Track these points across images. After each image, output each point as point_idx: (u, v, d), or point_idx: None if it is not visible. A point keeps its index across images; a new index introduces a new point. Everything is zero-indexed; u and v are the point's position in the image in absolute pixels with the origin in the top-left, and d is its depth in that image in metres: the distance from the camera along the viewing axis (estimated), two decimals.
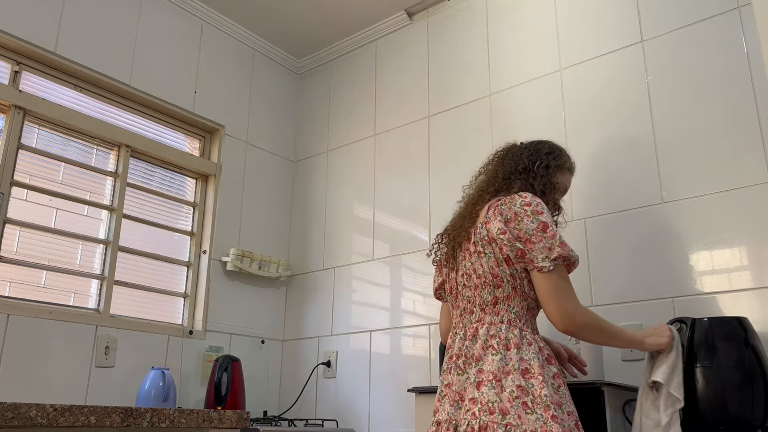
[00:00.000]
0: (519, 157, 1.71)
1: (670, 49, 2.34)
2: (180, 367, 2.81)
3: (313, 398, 3.08)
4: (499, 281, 1.50)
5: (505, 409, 1.37)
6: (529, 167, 1.68)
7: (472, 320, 1.54)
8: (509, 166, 1.70)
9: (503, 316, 1.50)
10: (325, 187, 3.39)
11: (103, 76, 2.76)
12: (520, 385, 1.40)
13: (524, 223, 1.48)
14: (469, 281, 1.56)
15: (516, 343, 1.46)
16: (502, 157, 1.75)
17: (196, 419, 1.94)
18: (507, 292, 1.51)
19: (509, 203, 1.52)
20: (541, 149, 1.74)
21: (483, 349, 1.47)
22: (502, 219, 1.50)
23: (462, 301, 1.59)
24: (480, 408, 1.40)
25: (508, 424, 1.35)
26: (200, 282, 3.01)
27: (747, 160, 2.08)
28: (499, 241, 1.49)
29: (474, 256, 1.54)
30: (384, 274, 2.98)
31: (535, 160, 1.70)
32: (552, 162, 1.72)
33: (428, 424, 2.17)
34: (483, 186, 1.69)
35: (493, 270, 1.50)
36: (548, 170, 1.70)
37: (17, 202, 2.47)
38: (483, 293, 1.53)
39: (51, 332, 2.41)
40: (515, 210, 1.50)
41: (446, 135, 2.95)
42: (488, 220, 1.53)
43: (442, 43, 3.10)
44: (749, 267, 2.01)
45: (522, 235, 1.48)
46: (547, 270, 1.45)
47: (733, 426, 1.61)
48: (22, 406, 1.59)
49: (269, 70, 3.57)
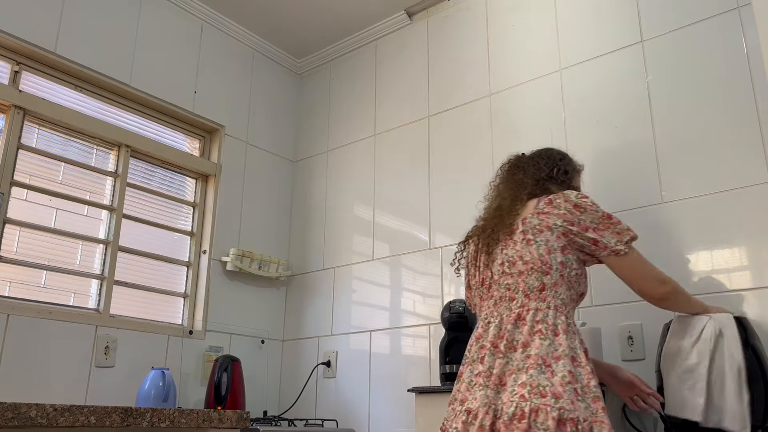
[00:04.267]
0: (537, 166, 1.76)
1: (670, 49, 2.34)
2: (180, 367, 2.81)
3: (313, 398, 3.08)
4: (548, 268, 1.53)
5: (557, 393, 1.36)
6: (550, 174, 1.74)
7: (512, 307, 1.55)
8: (532, 174, 1.74)
9: (549, 302, 1.52)
10: (325, 187, 3.39)
11: (103, 76, 2.76)
12: (570, 371, 1.40)
13: (588, 213, 1.55)
14: (512, 268, 1.57)
15: (564, 329, 1.48)
16: (517, 167, 1.79)
17: (196, 419, 1.94)
18: (555, 279, 1.53)
19: (565, 197, 1.58)
20: (553, 156, 1.80)
21: (530, 334, 1.48)
22: (563, 211, 1.56)
23: (499, 290, 1.59)
24: (530, 390, 1.38)
25: (562, 408, 1.34)
26: (200, 282, 3.01)
27: (747, 160, 2.08)
28: (562, 230, 1.54)
29: (521, 244, 1.57)
30: (384, 274, 2.98)
31: (553, 166, 1.76)
32: (568, 167, 1.80)
33: (428, 423, 2.17)
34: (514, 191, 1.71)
35: (543, 257, 1.53)
36: (567, 175, 1.78)
37: (17, 202, 2.47)
38: (529, 279, 1.54)
39: (51, 332, 2.41)
40: (575, 202, 1.56)
41: (446, 135, 2.95)
42: (542, 210, 1.58)
43: (442, 43, 3.10)
44: (749, 267, 2.01)
45: (589, 224, 1.55)
46: (623, 252, 1.54)
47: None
48: (22, 406, 1.59)
49: (269, 70, 3.57)
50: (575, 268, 1.57)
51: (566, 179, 1.76)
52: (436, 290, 2.77)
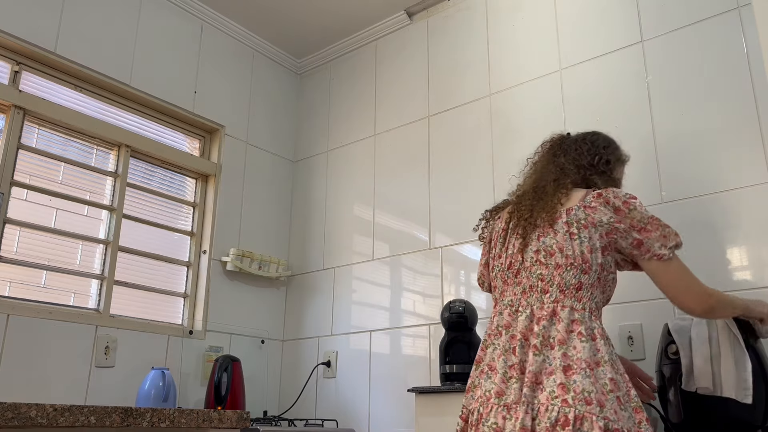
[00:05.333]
0: (579, 151, 1.67)
1: (670, 49, 2.34)
2: (180, 367, 2.81)
3: (313, 398, 3.08)
4: (587, 267, 1.46)
5: (601, 401, 1.31)
6: (591, 162, 1.65)
7: (545, 300, 1.46)
8: (574, 159, 1.65)
9: (585, 303, 1.45)
10: (325, 187, 3.39)
11: (103, 76, 2.76)
12: (612, 379, 1.34)
13: (636, 212, 1.47)
14: (548, 259, 1.48)
15: (600, 333, 1.42)
16: (560, 147, 1.70)
17: (196, 419, 1.94)
18: (592, 279, 1.46)
19: (614, 193, 1.49)
20: (598, 143, 1.70)
21: (566, 332, 1.40)
22: (611, 207, 1.47)
23: (529, 279, 1.51)
24: (574, 396, 1.31)
25: (606, 418, 1.28)
26: (200, 282, 3.01)
27: (747, 160, 2.08)
28: (607, 228, 1.47)
29: (563, 236, 1.48)
30: (384, 274, 2.98)
31: (595, 154, 1.67)
32: (611, 156, 1.70)
33: (428, 424, 2.17)
34: (556, 175, 1.62)
35: (584, 255, 1.46)
36: (609, 165, 1.68)
37: (17, 202, 2.47)
38: (566, 275, 1.46)
39: (51, 332, 2.41)
40: (623, 199, 1.48)
41: (446, 135, 2.95)
42: (589, 204, 1.49)
43: (442, 43, 3.10)
44: (749, 267, 2.01)
45: (636, 224, 1.46)
46: (667, 258, 1.45)
47: (733, 426, 1.61)
48: (22, 406, 1.59)
49: (269, 70, 3.57)
50: (611, 271, 1.50)
51: (607, 169, 1.67)
52: (436, 290, 2.77)
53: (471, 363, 2.31)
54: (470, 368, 2.30)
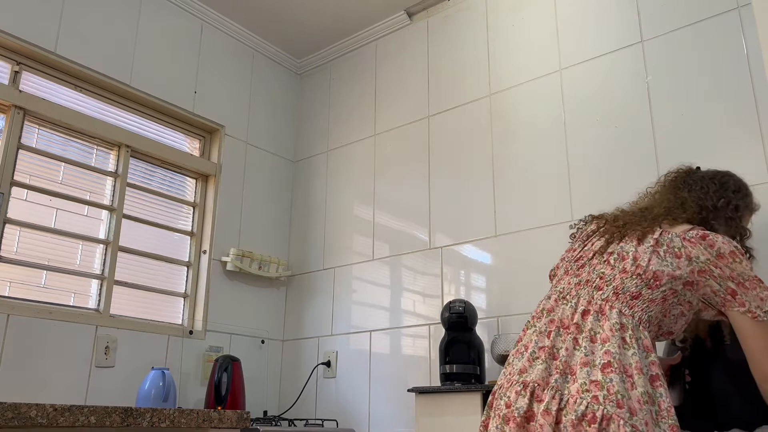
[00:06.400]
0: (705, 190, 1.56)
1: (670, 49, 2.34)
2: (180, 367, 2.81)
3: (313, 398, 3.08)
4: (655, 285, 1.38)
5: (633, 409, 1.25)
6: (715, 204, 1.54)
7: (595, 296, 1.40)
8: (697, 198, 1.55)
9: (636, 311, 1.36)
10: (325, 187, 3.39)
11: (103, 76, 2.76)
12: (649, 392, 1.28)
13: (741, 265, 1.38)
14: (618, 263, 1.42)
15: (647, 345, 1.34)
16: (684, 182, 1.60)
17: (196, 419, 1.94)
18: (655, 296, 1.38)
19: (724, 239, 1.40)
20: (728, 185, 1.59)
21: (612, 331, 1.33)
22: (714, 251, 1.38)
23: (589, 274, 1.45)
24: (605, 395, 1.26)
25: (634, 426, 1.23)
26: (200, 282, 3.01)
27: (747, 160, 2.08)
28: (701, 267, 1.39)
29: (646, 249, 1.41)
30: (384, 274, 2.98)
31: (722, 197, 1.56)
32: (740, 202, 1.58)
33: (428, 423, 2.17)
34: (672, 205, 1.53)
35: (658, 273, 1.37)
36: (737, 212, 1.57)
37: (17, 202, 2.47)
38: (628, 282, 1.39)
39: (51, 332, 2.41)
40: (731, 249, 1.39)
41: (446, 135, 2.95)
42: (690, 239, 1.40)
43: (442, 43, 3.10)
44: None
45: (735, 276, 1.38)
46: (761, 320, 1.37)
47: (733, 426, 1.61)
48: (22, 406, 1.59)
49: (269, 70, 3.57)
50: (682, 306, 1.40)
51: (735, 216, 1.54)
52: (436, 290, 2.77)
53: (471, 363, 2.33)
54: (470, 368, 2.34)
